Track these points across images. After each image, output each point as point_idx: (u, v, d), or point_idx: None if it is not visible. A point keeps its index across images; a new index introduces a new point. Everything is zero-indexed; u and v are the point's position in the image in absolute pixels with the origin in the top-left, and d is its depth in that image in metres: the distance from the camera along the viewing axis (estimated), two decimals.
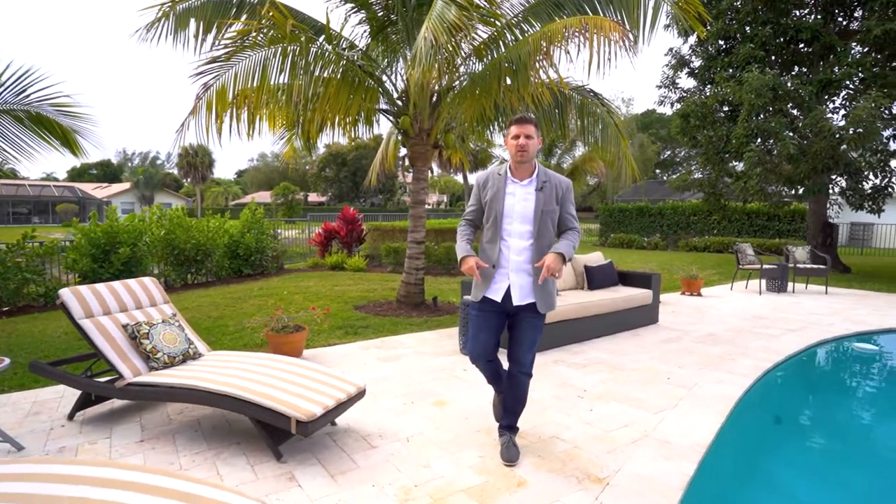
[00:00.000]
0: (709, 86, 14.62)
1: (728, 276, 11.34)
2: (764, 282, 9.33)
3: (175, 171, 55.19)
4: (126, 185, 53.30)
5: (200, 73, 5.01)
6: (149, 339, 3.17)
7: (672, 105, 15.81)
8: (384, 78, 7.11)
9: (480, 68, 6.39)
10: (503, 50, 6.00)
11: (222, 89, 5.19)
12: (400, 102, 7.12)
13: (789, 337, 5.79)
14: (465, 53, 6.51)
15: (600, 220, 25.33)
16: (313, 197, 61.10)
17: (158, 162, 59.25)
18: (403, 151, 7.71)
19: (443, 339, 5.60)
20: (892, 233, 21.14)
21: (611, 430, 3.19)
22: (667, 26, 13.27)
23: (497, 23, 6.24)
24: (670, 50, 15.71)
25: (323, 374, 3.10)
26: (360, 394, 3.12)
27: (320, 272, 11.53)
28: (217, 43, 5.02)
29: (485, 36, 6.38)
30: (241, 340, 5.30)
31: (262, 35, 5.39)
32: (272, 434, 2.79)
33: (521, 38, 5.78)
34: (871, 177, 12.58)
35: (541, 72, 5.72)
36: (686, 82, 15.85)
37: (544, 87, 6.28)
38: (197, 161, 50.81)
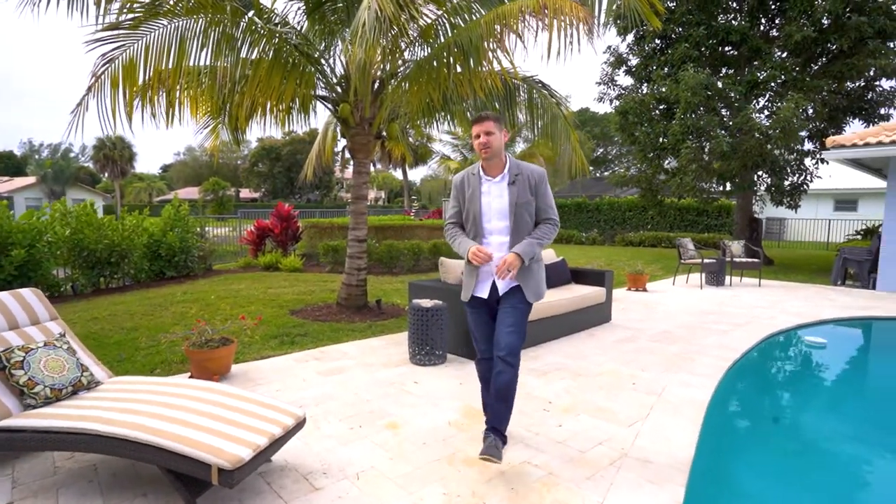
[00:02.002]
0: (645, 84, 14.94)
1: (666, 270, 11.58)
2: (704, 276, 9.52)
3: (91, 165, 50.77)
4: (32, 180, 48.43)
5: (98, 40, 4.22)
6: (23, 370, 2.50)
7: (611, 102, 16.05)
8: (322, 62, 6.52)
9: (428, 53, 5.94)
10: (452, 34, 5.57)
11: (130, 65, 4.43)
12: (339, 89, 6.55)
13: (739, 332, 5.79)
14: (412, 35, 6.04)
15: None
16: (245, 193, 58.35)
17: (72, 155, 54.30)
18: (343, 143, 7.17)
19: (390, 346, 5.15)
20: (803, 227, 22.78)
21: (586, 449, 2.88)
22: (616, 19, 13.37)
23: (448, 2, 5.81)
24: (609, 48, 15.93)
25: (254, 404, 2.58)
26: (300, 424, 2.62)
27: (253, 273, 10.70)
28: (124, 8, 4.26)
29: (433, 16, 5.94)
30: (158, 357, 4.60)
31: (179, 5, 4.67)
32: (189, 485, 2.24)
33: (472, 20, 5.37)
34: (790, 174, 13.30)
35: (494, 61, 5.37)
36: (624, 80, 16.09)
37: (496, 77, 5.95)
38: (115, 154, 46.99)
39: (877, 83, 12.96)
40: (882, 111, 13.02)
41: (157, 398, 2.54)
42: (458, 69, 5.60)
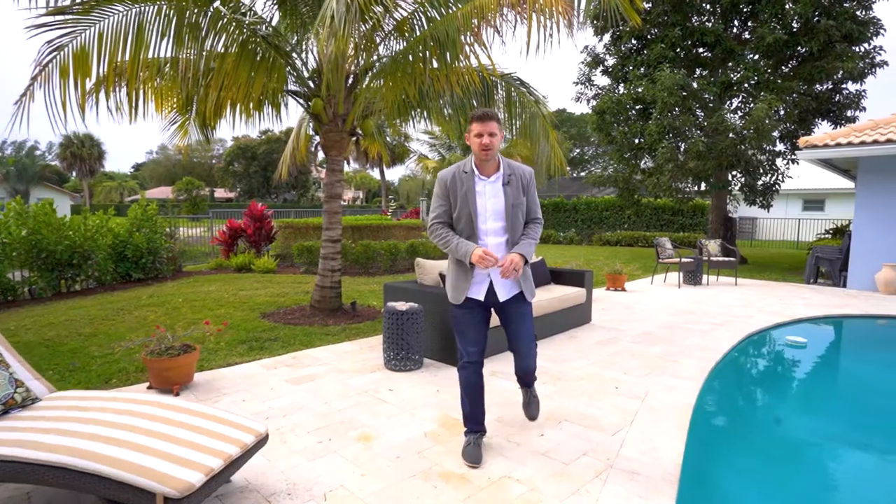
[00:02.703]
0: (622, 84, 14.99)
1: (645, 270, 11.60)
2: (681, 275, 9.53)
3: (58, 164, 49.01)
4: None
5: (42, 26, 3.89)
6: None
7: (588, 102, 16.07)
8: (294, 55, 6.27)
9: (403, 47, 5.75)
10: (428, 27, 5.38)
11: (82, 53, 4.12)
12: (312, 84, 6.32)
13: (719, 332, 5.74)
14: (387, 28, 5.85)
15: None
16: (220, 193, 57.14)
17: (38, 152, 52.34)
18: (318, 141, 6.92)
19: (364, 350, 4.94)
20: (773, 226, 23.26)
21: (569, 460, 2.73)
22: (594, 19, 13.36)
23: None
24: (586, 48, 15.96)
25: (210, 420, 2.36)
26: (262, 441, 2.41)
27: (224, 275, 10.35)
28: None
29: (409, 9, 5.74)
30: (115, 366, 4.31)
31: None
32: None
33: (449, 12, 5.20)
34: (762, 174, 13.50)
35: (471, 56, 5.20)
36: (601, 80, 16.13)
37: (474, 73, 5.79)
38: (83, 152, 45.51)
39: (843, 86, 13.24)
40: (849, 113, 13.30)
41: (102, 417, 2.31)
42: (435, 64, 5.42)
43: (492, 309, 2.85)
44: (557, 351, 4.92)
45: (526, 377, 2.96)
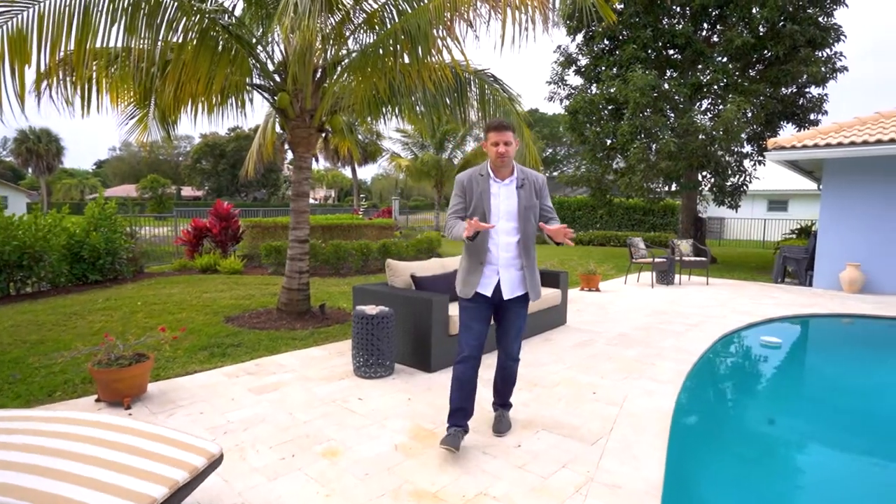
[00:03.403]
0: (594, 84, 15.05)
1: (618, 270, 11.65)
2: (654, 275, 9.57)
3: (13, 160, 46.84)
4: None
5: None
6: None
7: (561, 101, 16.11)
8: (259, 47, 5.99)
9: (373, 40, 5.54)
10: (399, 20, 5.19)
11: (19, 37, 3.79)
12: (278, 77, 6.05)
13: (694, 333, 5.73)
14: (357, 21, 5.64)
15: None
16: (188, 191, 55.58)
17: None
18: (285, 137, 6.65)
19: (333, 356, 4.73)
20: (740, 226, 23.83)
21: (548, 474, 2.59)
22: (568, 18, 13.34)
23: None
24: (559, 47, 15.98)
25: (157, 441, 2.13)
26: (215, 463, 2.20)
27: (188, 276, 9.95)
28: None
29: (380, 1, 5.54)
30: (60, 378, 3.98)
31: None
32: None
33: (421, 5, 5.01)
34: (731, 175, 13.75)
35: (444, 50, 5.03)
36: (574, 80, 16.18)
37: (446, 68, 5.63)
38: (40, 147, 43.62)
39: (807, 90, 13.58)
40: (812, 116, 13.66)
41: (33, 441, 2.05)
42: (406, 59, 5.24)
43: (494, 308, 2.99)
44: (533, 354, 4.80)
45: (504, 386, 3.08)
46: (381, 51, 5.20)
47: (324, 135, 6.79)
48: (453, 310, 4.48)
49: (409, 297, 4.37)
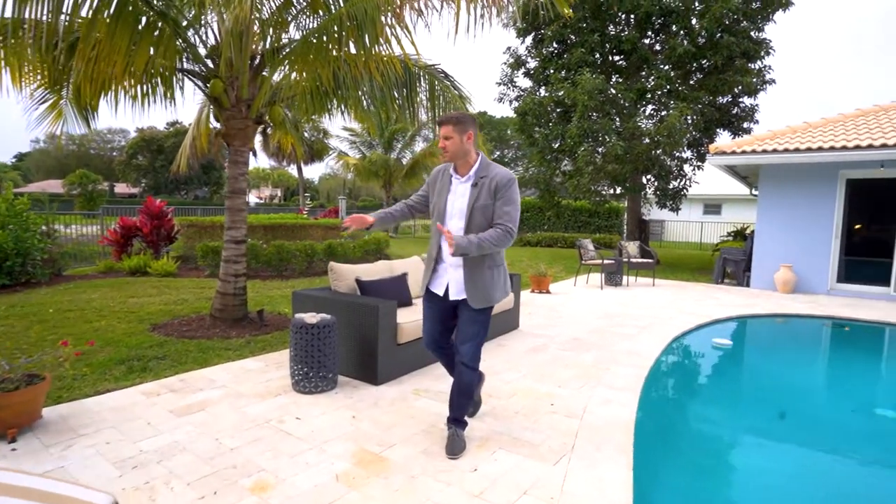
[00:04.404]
0: (543, 86, 15.13)
1: (567, 271, 11.70)
2: (603, 276, 9.62)
3: None
4: None
5: None
6: None
7: (510, 103, 16.11)
8: (189, 29, 5.46)
9: (317, 25, 5.15)
10: (344, 4, 4.82)
11: None
12: (211, 63, 5.54)
13: (646, 336, 5.68)
14: (298, 6, 5.22)
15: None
16: (122, 188, 52.14)
17: None
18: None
19: (270, 368, 4.31)
20: (679, 228, 24.80)
21: (510, 502, 2.34)
22: (525, 13, 13.27)
23: None
24: (508, 48, 15.98)
25: (29, 501, 1.70)
26: None
27: (114, 279, 9.13)
28: None
29: None
30: None
31: None
32: None
33: None
34: (673, 179, 14.18)
35: (392, 40, 4.72)
36: (523, 82, 16.22)
37: (396, 60, 5.32)
38: None
39: (741, 99, 14.21)
40: (745, 125, 14.33)
41: None
42: (353, 48, 4.88)
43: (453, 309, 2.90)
44: (487, 361, 4.56)
45: (458, 396, 2.86)
46: (325, 37, 4.83)
47: (263, 127, 6.30)
48: (402, 316, 4.18)
49: (354, 303, 4.03)
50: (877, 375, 5.24)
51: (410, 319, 4.18)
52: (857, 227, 13.01)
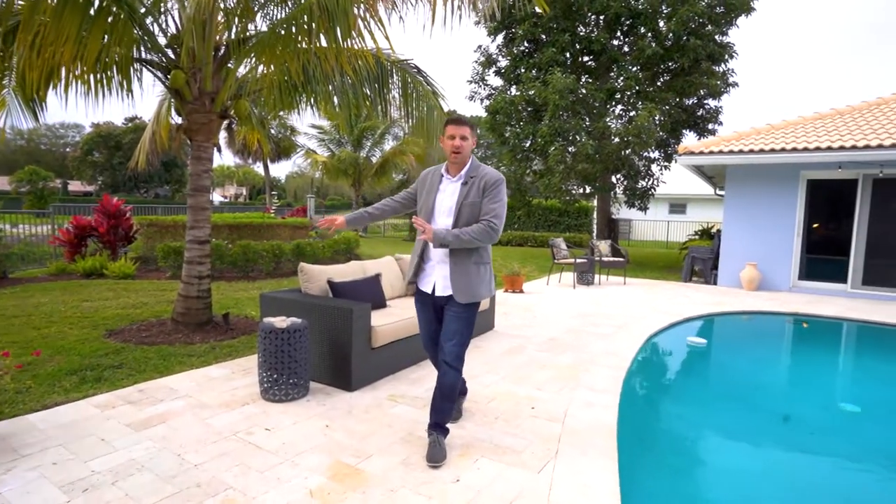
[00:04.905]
0: (514, 85, 15.13)
1: (540, 270, 11.71)
2: (576, 275, 9.65)
3: None
4: None
5: None
6: None
7: (482, 101, 16.06)
8: (148, 17, 5.15)
9: (285, 15, 4.93)
10: None
11: None
12: (172, 53, 5.25)
13: (622, 335, 5.68)
14: None
15: (410, 214, 25.23)
16: (76, 186, 49.95)
17: None
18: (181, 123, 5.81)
19: (236, 375, 4.09)
20: (646, 227, 25.31)
21: None
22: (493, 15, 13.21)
23: None
24: (479, 47, 15.92)
25: None
26: None
27: (67, 281, 8.65)
28: None
29: None
30: None
31: None
32: None
33: None
34: (641, 178, 14.40)
35: (365, 33, 4.54)
36: (494, 80, 16.19)
37: (368, 54, 5.15)
38: None
39: (706, 102, 14.54)
40: (710, 126, 14.66)
41: None
42: (323, 41, 4.69)
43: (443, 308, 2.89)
44: (465, 364, 4.44)
45: (440, 400, 2.80)
46: (293, 28, 4.62)
47: (228, 123, 6.03)
48: (376, 319, 4.02)
49: (326, 305, 3.85)
50: (836, 371, 5.38)
51: (385, 322, 4.03)
52: (815, 225, 13.48)
